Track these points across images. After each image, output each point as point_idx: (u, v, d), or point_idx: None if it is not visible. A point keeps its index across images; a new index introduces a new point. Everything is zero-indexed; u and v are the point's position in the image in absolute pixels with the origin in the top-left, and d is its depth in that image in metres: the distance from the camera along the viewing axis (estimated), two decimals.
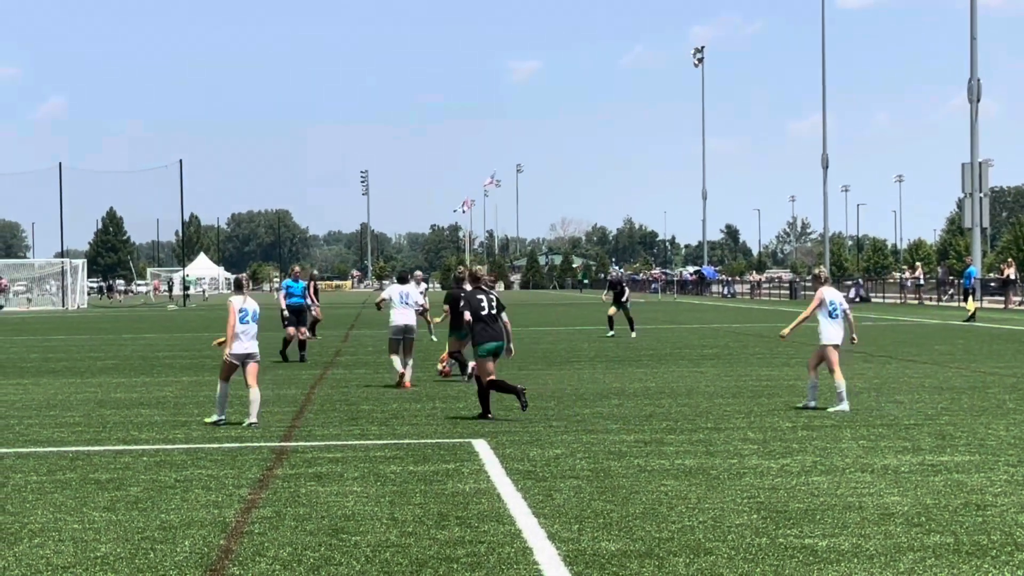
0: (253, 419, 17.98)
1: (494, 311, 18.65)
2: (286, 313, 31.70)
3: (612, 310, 42.50)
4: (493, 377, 18.33)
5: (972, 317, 49.24)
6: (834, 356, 19.09)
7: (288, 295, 32.15)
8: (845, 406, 18.79)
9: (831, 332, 19.18)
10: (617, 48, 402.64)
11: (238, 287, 18.92)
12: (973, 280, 57.70)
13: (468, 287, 19.61)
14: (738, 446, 15.28)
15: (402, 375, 23.66)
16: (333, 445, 15.87)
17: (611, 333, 41.01)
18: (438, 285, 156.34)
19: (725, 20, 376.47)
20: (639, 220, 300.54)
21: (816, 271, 20.69)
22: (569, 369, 27.29)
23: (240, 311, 18.09)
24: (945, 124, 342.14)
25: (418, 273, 27.73)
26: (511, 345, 18.84)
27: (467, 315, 18.71)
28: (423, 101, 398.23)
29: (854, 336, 20.09)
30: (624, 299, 42.41)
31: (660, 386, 23.11)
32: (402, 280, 25.45)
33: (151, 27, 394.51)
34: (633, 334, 40.24)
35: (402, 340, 23.96)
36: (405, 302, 24.34)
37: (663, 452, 14.84)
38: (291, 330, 31.49)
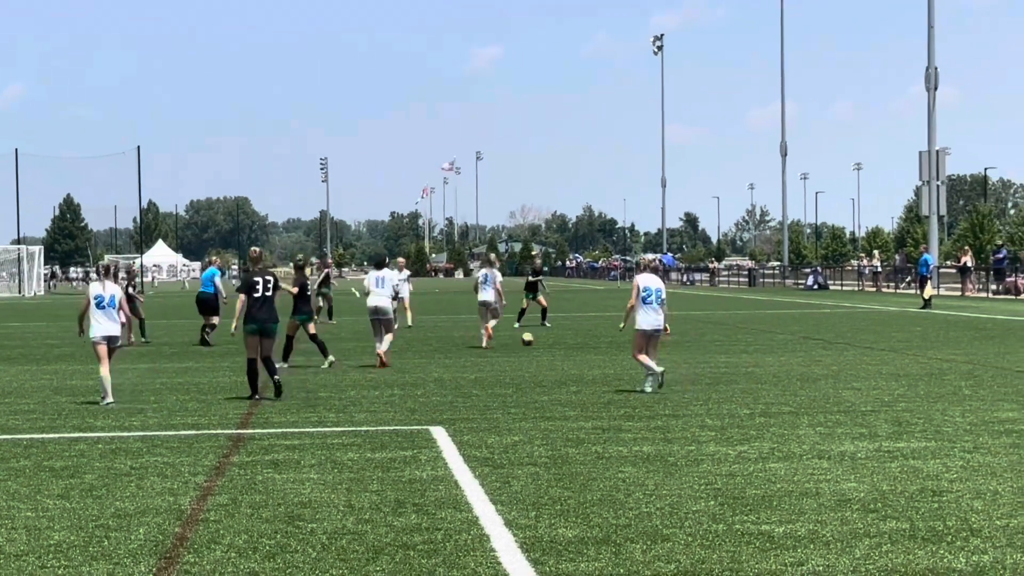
0: (110, 399, 18.81)
1: (268, 292, 19.84)
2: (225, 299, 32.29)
3: (526, 302, 39.87)
4: (253, 357, 19.44)
5: (928, 304, 49.54)
6: (645, 341, 19.59)
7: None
8: (648, 387, 19.43)
9: (643, 318, 19.63)
10: (579, 36, 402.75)
11: (98, 274, 19.82)
12: (930, 267, 58.01)
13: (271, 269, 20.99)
14: (696, 433, 15.29)
15: (380, 354, 25.03)
16: (290, 432, 15.82)
17: (517, 325, 37.62)
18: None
19: (687, 8, 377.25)
20: (599, 208, 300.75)
21: (637, 258, 21.18)
22: (527, 356, 27.27)
23: (96, 297, 18.98)
24: (904, 112, 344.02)
25: (400, 260, 28.61)
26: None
27: (241, 296, 19.90)
28: (383, 87, 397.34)
29: (667, 327, 20.28)
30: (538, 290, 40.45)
31: (618, 373, 23.12)
32: (379, 266, 26.56)
33: (109, 13, 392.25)
34: (515, 324, 38.99)
35: (379, 321, 25.37)
36: (381, 286, 25.68)
37: (621, 439, 14.84)
38: (216, 318, 32.66)
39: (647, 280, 19.93)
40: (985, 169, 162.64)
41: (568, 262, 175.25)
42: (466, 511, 10.83)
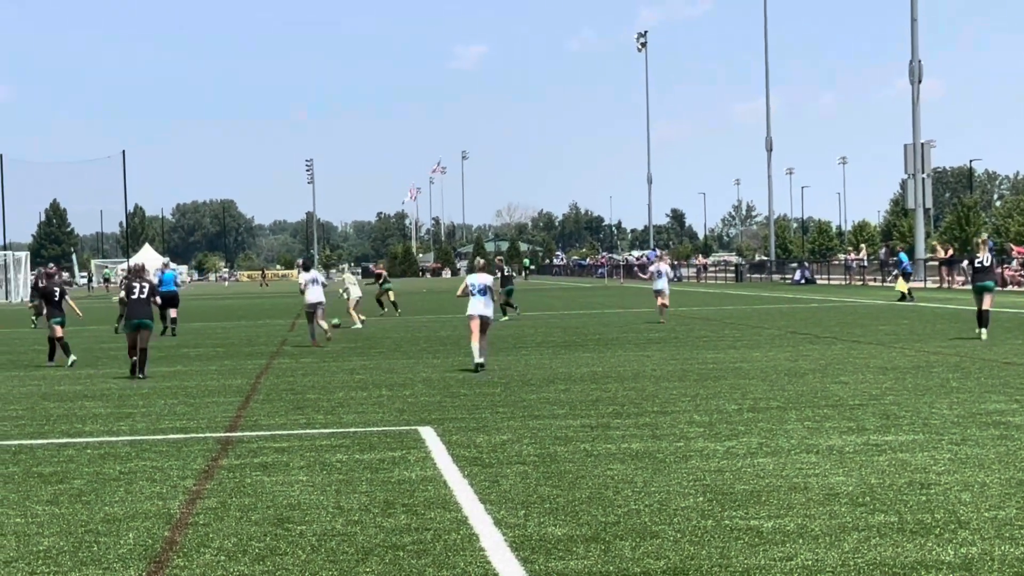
0: None
1: (143, 295, 24.31)
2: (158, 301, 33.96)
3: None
4: (141, 346, 23.74)
5: (904, 297, 49.82)
6: (476, 325, 23.54)
7: (161, 283, 40.10)
8: (477, 360, 23.43)
9: (471, 306, 23.74)
10: (564, 32, 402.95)
11: None
12: (904, 264, 58.34)
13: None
14: (684, 429, 15.31)
15: (327, 334, 32.29)
16: (279, 435, 15.80)
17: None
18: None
19: (670, 3, 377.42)
20: (585, 205, 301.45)
21: (474, 262, 26.38)
22: (515, 355, 27.28)
23: None
24: (889, 105, 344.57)
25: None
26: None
27: (122, 293, 25.20)
28: (368, 88, 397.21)
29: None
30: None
31: (606, 370, 23.14)
32: (306, 268, 34.19)
33: (94, 17, 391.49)
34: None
35: (314, 312, 32.30)
36: (315, 284, 32.67)
37: (609, 436, 14.85)
38: (175, 310, 39.87)
39: (475, 278, 24.02)
40: (971, 161, 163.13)
41: (555, 259, 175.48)
42: (455, 511, 10.84)
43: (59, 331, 27.75)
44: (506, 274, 45.80)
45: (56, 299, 27.99)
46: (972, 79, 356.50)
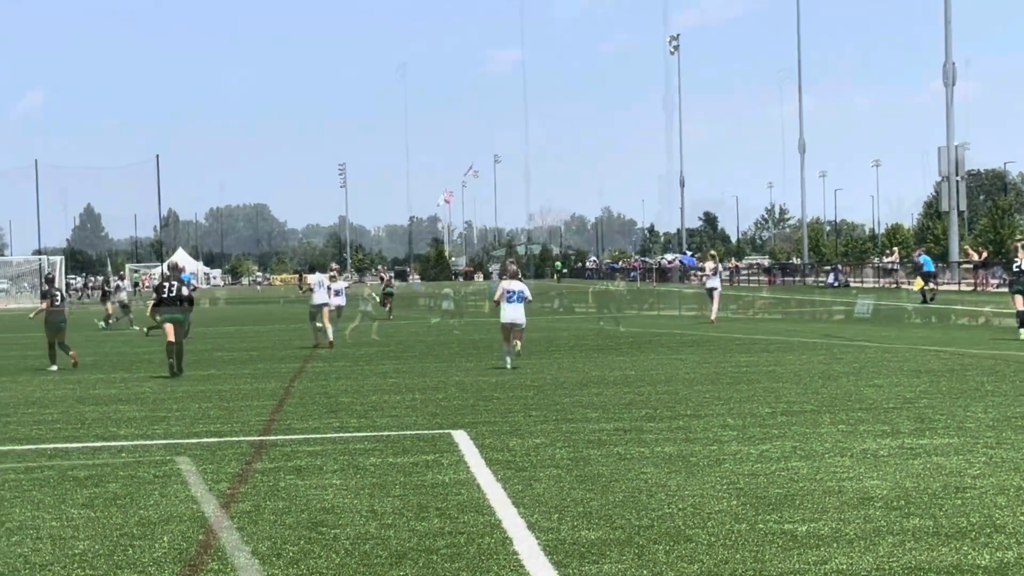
0: None
1: (173, 294, 25.76)
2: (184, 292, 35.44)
3: None
4: (171, 340, 25.21)
5: (924, 299, 49.75)
6: (513, 330, 24.84)
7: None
8: (508, 364, 24.77)
9: (507, 312, 24.94)
10: (597, 36, 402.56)
11: None
12: (930, 267, 58.28)
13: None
14: (717, 432, 15.27)
15: (328, 339, 33.27)
16: (312, 438, 15.84)
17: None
18: (418, 276, 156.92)
19: (705, 5, 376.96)
20: (617, 208, 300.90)
21: (506, 264, 28.24)
22: (548, 358, 27.27)
23: None
24: (924, 107, 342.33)
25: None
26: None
27: (154, 296, 26.50)
28: (401, 92, 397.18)
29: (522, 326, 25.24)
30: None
31: (640, 374, 23.10)
32: (312, 270, 36.80)
33: (127, 22, 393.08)
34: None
35: (319, 312, 33.86)
36: (321, 287, 34.25)
37: (643, 440, 14.83)
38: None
39: (510, 285, 25.13)
40: (1005, 163, 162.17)
41: (588, 263, 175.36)
42: (488, 515, 10.84)
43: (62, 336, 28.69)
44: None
45: (58, 304, 28.80)
46: (1007, 81, 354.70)
